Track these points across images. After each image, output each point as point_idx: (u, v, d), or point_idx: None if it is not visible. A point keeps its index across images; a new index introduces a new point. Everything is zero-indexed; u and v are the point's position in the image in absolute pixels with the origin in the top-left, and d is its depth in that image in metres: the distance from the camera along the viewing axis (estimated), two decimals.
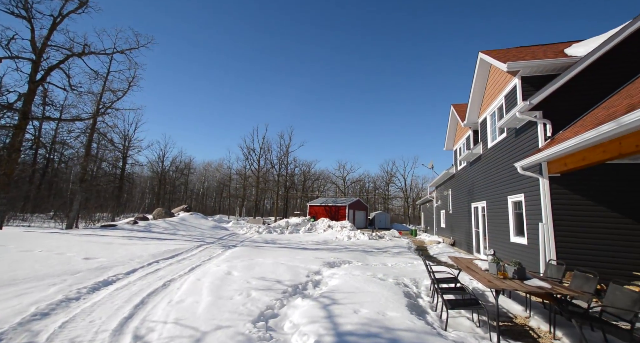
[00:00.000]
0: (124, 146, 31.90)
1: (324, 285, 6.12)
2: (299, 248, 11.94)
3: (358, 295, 5.04)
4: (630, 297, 3.37)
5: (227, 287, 5.39)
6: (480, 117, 11.48)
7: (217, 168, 62.65)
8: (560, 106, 6.78)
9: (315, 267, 7.62)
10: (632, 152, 4.07)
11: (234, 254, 9.53)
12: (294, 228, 22.22)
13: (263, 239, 15.57)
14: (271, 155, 46.87)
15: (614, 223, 6.03)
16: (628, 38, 6.57)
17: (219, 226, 21.44)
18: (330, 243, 15.07)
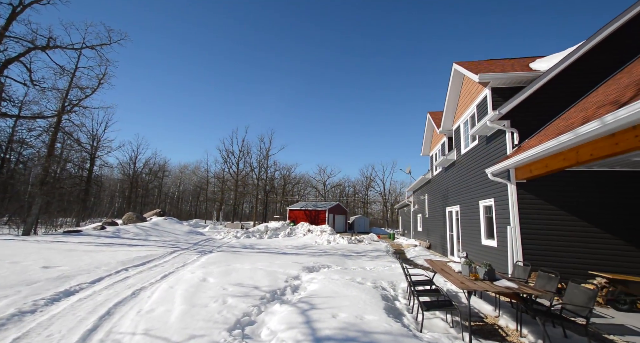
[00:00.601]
0: (92, 146, 30.06)
1: (303, 289, 6.07)
2: (278, 253, 11.77)
3: (337, 299, 5.05)
4: (586, 295, 3.64)
5: (202, 294, 5.19)
6: (455, 125, 12.01)
7: (194, 170, 60.66)
8: (526, 116, 7.26)
9: (294, 272, 7.55)
10: (587, 160, 4.43)
11: (210, 260, 9.22)
12: (273, 233, 21.91)
13: (241, 244, 15.21)
14: (251, 158, 46.23)
15: (572, 226, 6.50)
16: (583, 56, 7.19)
17: (195, 231, 20.69)
18: (309, 247, 15.01)
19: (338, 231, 33.23)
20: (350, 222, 39.74)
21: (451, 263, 5.87)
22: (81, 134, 26.06)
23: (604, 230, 6.34)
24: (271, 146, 48.07)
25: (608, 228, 6.33)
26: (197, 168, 61.00)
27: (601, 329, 4.37)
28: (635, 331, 4.35)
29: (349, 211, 55.82)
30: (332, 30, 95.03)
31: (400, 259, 11.94)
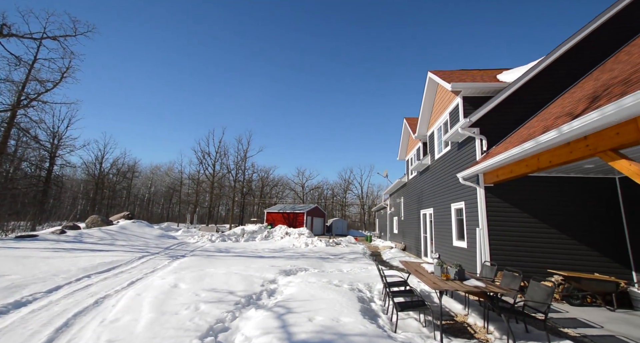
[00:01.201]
0: (52, 144, 27.83)
1: (279, 293, 5.98)
2: (254, 257, 11.54)
3: (313, 302, 5.03)
4: (545, 292, 3.91)
5: (173, 301, 4.96)
6: (429, 130, 12.50)
7: (167, 171, 58.10)
8: (494, 124, 7.72)
9: (271, 276, 7.43)
10: (547, 166, 4.79)
11: (182, 265, 8.84)
12: (250, 236, 21.46)
13: (216, 248, 14.73)
14: (228, 160, 45.10)
15: (534, 228, 6.97)
16: (543, 71, 7.79)
17: (167, 235, 19.77)
18: (287, 250, 14.86)
19: (316, 234, 33.24)
20: (329, 225, 39.91)
21: (425, 264, 6.06)
22: (40, 131, 24.12)
23: (561, 231, 6.86)
24: (249, 147, 47.38)
25: (564, 230, 6.86)
26: (170, 168, 58.53)
27: (557, 323, 4.70)
28: (585, 324, 4.73)
29: (327, 214, 56.07)
30: (314, 36, 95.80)
31: (376, 261, 12.15)
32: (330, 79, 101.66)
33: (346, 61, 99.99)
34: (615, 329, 4.49)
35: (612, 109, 3.27)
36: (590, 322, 4.83)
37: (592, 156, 3.94)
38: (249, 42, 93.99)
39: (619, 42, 7.54)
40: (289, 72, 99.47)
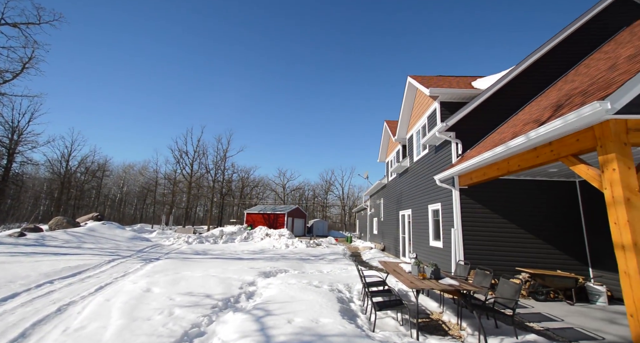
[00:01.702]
0: (10, 140, 25.75)
1: (258, 296, 5.89)
2: (233, 259, 11.29)
3: (293, 304, 4.99)
4: (513, 288, 4.13)
5: (145, 307, 4.74)
6: (408, 133, 12.85)
7: (141, 170, 55.55)
8: (469, 128, 8.06)
9: (250, 278, 7.30)
10: (516, 170, 5.08)
11: (156, 268, 8.47)
12: (229, 237, 20.98)
13: (193, 250, 14.26)
14: (207, 159, 43.96)
15: (504, 228, 7.35)
16: (513, 79, 8.26)
17: (140, 237, 18.88)
18: (267, 252, 14.68)
19: (297, 235, 33.09)
20: (309, 226, 39.87)
21: (402, 264, 6.21)
22: None
23: (528, 231, 7.29)
24: (229, 147, 46.31)
25: (531, 229, 7.29)
26: (144, 167, 56.01)
27: (524, 318, 4.98)
28: (549, 318, 5.05)
29: (308, 214, 56.00)
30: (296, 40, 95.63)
31: (356, 261, 12.29)
32: (312, 82, 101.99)
33: (329, 64, 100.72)
34: (574, 321, 4.83)
35: (573, 117, 3.52)
36: (552, 315, 5.16)
37: (555, 160, 4.22)
38: (229, 42, 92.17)
39: (580, 56, 8.15)
40: (270, 74, 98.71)
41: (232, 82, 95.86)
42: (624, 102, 3.27)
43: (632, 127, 3.37)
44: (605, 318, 5.04)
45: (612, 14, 8.30)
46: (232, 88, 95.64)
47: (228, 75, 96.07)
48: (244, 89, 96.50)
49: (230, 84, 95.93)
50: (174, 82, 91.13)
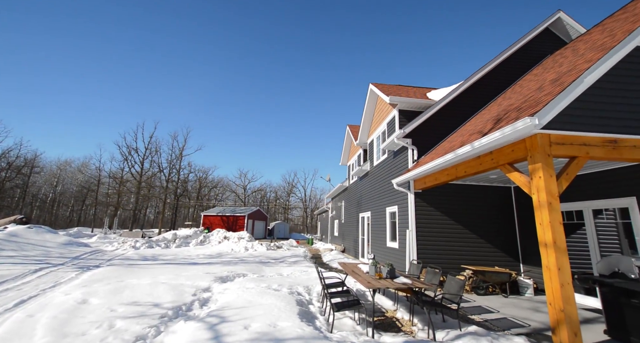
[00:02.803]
0: None
1: (213, 302, 5.61)
2: (187, 264, 10.61)
3: (250, 309, 4.85)
4: (458, 284, 4.50)
5: (80, 320, 4.22)
6: (369, 138, 13.35)
7: (81, 168, 49.63)
8: (423, 136, 8.64)
9: (205, 284, 6.93)
10: (463, 176, 5.56)
11: (95, 277, 7.61)
12: (183, 241, 19.68)
13: (141, 255, 13.10)
14: (160, 157, 40.84)
15: (452, 229, 7.99)
16: (461, 93, 9.07)
17: (77, 242, 16.81)
18: (225, 255, 14.07)
19: (257, 237, 32.28)
20: (271, 228, 39.18)
21: (361, 264, 6.40)
22: None
23: (472, 231, 8.01)
24: (186, 145, 43.68)
25: (475, 230, 8.03)
26: (84, 164, 50.15)
27: (467, 311, 5.45)
28: (487, 310, 5.59)
29: (270, 217, 55.02)
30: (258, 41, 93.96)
31: (316, 263, 12.36)
32: (276, 83, 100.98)
33: (293, 64, 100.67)
34: (507, 312, 5.42)
35: (509, 130, 3.98)
36: (490, 308, 5.72)
37: (495, 168, 4.72)
38: (189, 33, 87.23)
39: (516, 76, 9.26)
40: (231, 72, 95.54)
41: (190, 78, 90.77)
42: (548, 119, 3.78)
43: (554, 141, 3.91)
44: (531, 308, 5.74)
45: (539, 43, 9.61)
46: (191, 83, 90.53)
47: (188, 70, 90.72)
48: (202, 86, 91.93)
49: (188, 80, 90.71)
50: (124, 71, 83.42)
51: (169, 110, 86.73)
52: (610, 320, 4.19)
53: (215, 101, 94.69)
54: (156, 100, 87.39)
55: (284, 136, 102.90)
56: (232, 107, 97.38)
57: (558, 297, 3.51)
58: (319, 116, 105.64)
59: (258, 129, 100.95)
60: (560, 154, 3.93)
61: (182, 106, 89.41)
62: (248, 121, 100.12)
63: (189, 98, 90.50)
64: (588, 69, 3.95)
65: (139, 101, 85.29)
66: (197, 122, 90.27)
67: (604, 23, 6.89)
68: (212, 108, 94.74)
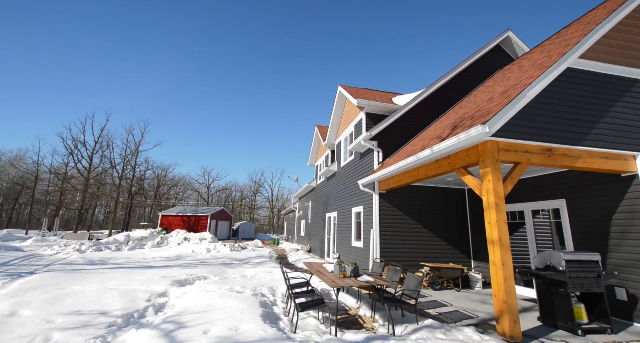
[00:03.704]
0: None
1: (170, 307, 5.28)
2: (141, 267, 9.86)
3: (211, 313, 4.65)
4: (416, 280, 4.75)
5: (6, 336, 3.71)
6: (337, 139, 13.56)
7: (14, 161, 43.69)
8: (388, 139, 9.00)
9: (161, 288, 6.50)
10: (423, 178, 5.89)
11: (28, 285, 6.74)
12: (137, 243, 18.27)
13: (87, 259, 11.88)
14: (112, 152, 37.36)
15: (413, 228, 8.43)
16: (424, 100, 9.62)
17: (5, 246, 14.76)
18: (184, 257, 13.33)
19: (221, 238, 31.08)
20: (235, 228, 37.98)
21: (326, 264, 6.47)
22: None
23: (430, 230, 8.52)
24: (143, 140, 40.67)
25: (433, 229, 8.55)
26: (19, 158, 44.23)
27: (424, 306, 5.79)
28: (442, 304, 5.99)
29: (235, 217, 53.35)
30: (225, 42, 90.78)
31: (282, 264, 12.24)
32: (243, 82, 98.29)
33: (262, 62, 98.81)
34: (459, 305, 5.85)
35: (463, 137, 4.30)
36: (444, 301, 6.13)
37: (452, 171, 5.07)
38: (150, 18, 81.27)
39: (471, 86, 10.05)
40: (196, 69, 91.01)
41: (150, 66, 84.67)
42: (497, 128, 4.16)
43: (502, 148, 4.31)
44: (479, 300, 6.26)
45: (491, 58, 10.54)
46: (150, 73, 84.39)
47: (147, 60, 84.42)
48: (164, 78, 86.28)
49: (149, 67, 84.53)
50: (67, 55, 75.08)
51: (124, 101, 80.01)
52: (543, 308, 4.72)
53: (179, 94, 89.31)
54: (109, 90, 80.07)
55: (251, 134, 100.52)
56: (196, 102, 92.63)
57: (502, 290, 3.87)
58: (288, 115, 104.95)
59: (224, 126, 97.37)
60: (507, 159, 4.34)
61: (141, 97, 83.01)
62: (214, 118, 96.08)
63: (148, 89, 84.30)
64: (530, 85, 4.42)
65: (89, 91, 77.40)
66: (157, 115, 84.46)
67: (543, 44, 7.76)
68: (174, 102, 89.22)
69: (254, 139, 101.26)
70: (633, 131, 5.01)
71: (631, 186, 4.91)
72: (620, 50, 5.25)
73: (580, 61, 4.99)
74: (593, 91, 5.00)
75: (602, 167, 4.77)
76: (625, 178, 5.00)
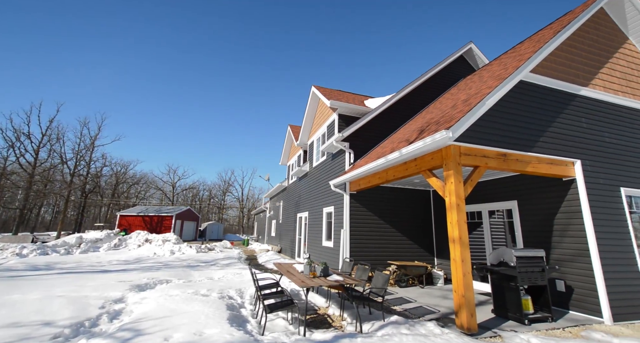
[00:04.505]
0: None
1: (127, 314, 4.93)
2: (94, 272, 9.09)
3: (174, 318, 4.41)
4: (384, 279, 4.91)
5: None
6: (310, 139, 13.58)
7: None
8: (360, 141, 9.20)
9: (117, 294, 6.04)
10: (392, 179, 6.10)
11: None
12: (91, 246, 16.81)
13: (30, 265, 10.67)
14: (63, 146, 33.97)
15: (381, 228, 8.69)
16: (394, 104, 9.97)
17: None
18: (145, 260, 12.51)
19: (186, 239, 29.65)
20: (202, 229, 36.47)
21: (296, 264, 6.45)
22: None
23: (398, 230, 8.85)
24: (100, 133, 37.61)
25: (400, 228, 8.88)
26: None
27: (390, 303, 5.99)
28: (407, 300, 6.24)
29: (202, 217, 51.23)
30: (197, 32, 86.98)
31: (251, 265, 11.99)
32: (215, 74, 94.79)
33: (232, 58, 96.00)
34: (423, 301, 6.14)
35: (429, 141, 4.53)
36: (409, 298, 6.40)
37: (418, 173, 5.31)
38: None
39: (438, 93, 10.62)
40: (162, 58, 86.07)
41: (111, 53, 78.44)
42: (459, 133, 4.43)
43: (463, 152, 4.59)
44: (441, 296, 6.62)
45: (456, 67, 11.23)
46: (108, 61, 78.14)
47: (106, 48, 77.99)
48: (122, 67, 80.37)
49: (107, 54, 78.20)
50: None
51: (79, 91, 73.21)
52: (496, 301, 5.12)
53: (142, 86, 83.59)
54: (61, 78, 72.81)
55: (222, 130, 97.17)
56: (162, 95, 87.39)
57: (461, 285, 4.13)
58: (261, 114, 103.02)
59: (193, 122, 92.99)
60: (467, 163, 4.64)
61: (99, 87, 76.48)
62: (182, 112, 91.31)
63: (108, 77, 77.95)
64: (489, 94, 4.77)
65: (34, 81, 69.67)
66: (118, 108, 78.39)
67: (501, 57, 8.42)
68: (137, 94, 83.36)
69: (225, 136, 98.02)
70: (573, 140, 5.61)
71: (570, 189, 5.50)
72: (562, 67, 5.87)
73: (531, 75, 5.49)
74: (541, 103, 5.53)
75: (548, 172, 5.29)
76: (566, 182, 5.59)
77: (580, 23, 5.94)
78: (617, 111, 6.21)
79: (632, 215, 5.61)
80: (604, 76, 6.25)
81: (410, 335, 3.82)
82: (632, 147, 6.12)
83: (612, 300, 4.84)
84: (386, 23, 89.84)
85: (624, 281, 5.07)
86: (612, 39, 6.60)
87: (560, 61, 5.87)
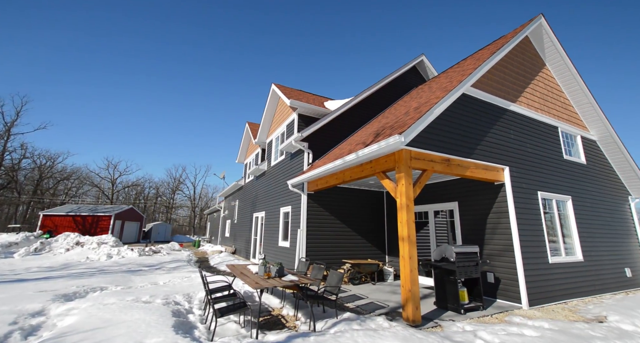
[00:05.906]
0: None
1: (48, 329, 4.29)
2: (5, 282, 7.73)
3: (108, 329, 3.96)
4: (338, 277, 5.03)
5: None
6: (269, 138, 13.33)
7: None
8: (319, 141, 9.31)
9: (36, 306, 5.23)
10: (349, 180, 6.29)
11: None
12: (2, 251, 14.27)
13: None
14: None
15: (337, 227, 8.90)
16: (352, 107, 10.31)
17: None
18: (75, 266, 11.03)
19: (128, 242, 26.88)
20: (147, 230, 33.46)
21: (251, 265, 6.27)
22: None
23: (353, 229, 9.15)
24: (19, 120, 32.37)
25: (355, 228, 9.20)
26: None
27: (343, 300, 6.17)
28: (359, 297, 6.49)
29: (147, 217, 47.02)
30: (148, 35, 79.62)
31: (202, 267, 11.34)
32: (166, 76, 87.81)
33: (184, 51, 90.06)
34: (374, 297, 6.43)
35: (383, 144, 4.77)
36: (362, 295, 6.66)
37: (373, 175, 5.55)
38: None
39: (393, 99, 11.25)
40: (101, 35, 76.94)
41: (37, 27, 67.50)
42: (410, 138, 4.75)
43: (414, 156, 4.93)
44: (391, 291, 7.02)
45: (410, 76, 12.04)
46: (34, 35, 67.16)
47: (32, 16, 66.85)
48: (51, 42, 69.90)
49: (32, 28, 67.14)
50: None
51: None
52: (438, 294, 5.59)
53: (79, 67, 73.39)
54: None
55: (173, 124, 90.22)
56: (101, 80, 77.76)
57: (408, 280, 4.42)
58: (218, 109, 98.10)
59: (138, 113, 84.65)
60: (417, 166, 4.99)
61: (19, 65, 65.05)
62: (126, 101, 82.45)
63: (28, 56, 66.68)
64: (437, 104, 5.19)
65: None
66: (45, 92, 67.74)
67: (447, 71, 9.25)
68: (72, 77, 72.98)
69: (176, 131, 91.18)
70: (503, 149, 6.40)
71: (500, 192, 6.26)
72: (496, 84, 6.66)
73: (472, 89, 6.13)
74: (479, 114, 6.20)
75: (483, 176, 5.95)
76: (497, 186, 6.35)
77: (511, 47, 6.81)
78: (537, 125, 7.25)
79: (545, 215, 6.60)
80: (528, 94, 7.25)
81: (361, 331, 3.97)
82: (546, 157, 7.19)
83: (529, 288, 5.64)
84: (347, 28, 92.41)
85: (538, 272, 5.94)
86: (534, 63, 7.69)
87: (495, 78, 6.65)
